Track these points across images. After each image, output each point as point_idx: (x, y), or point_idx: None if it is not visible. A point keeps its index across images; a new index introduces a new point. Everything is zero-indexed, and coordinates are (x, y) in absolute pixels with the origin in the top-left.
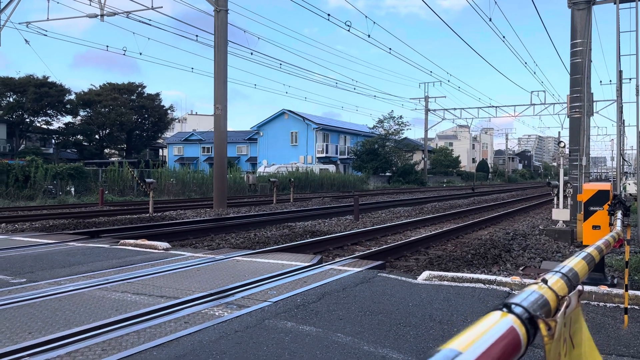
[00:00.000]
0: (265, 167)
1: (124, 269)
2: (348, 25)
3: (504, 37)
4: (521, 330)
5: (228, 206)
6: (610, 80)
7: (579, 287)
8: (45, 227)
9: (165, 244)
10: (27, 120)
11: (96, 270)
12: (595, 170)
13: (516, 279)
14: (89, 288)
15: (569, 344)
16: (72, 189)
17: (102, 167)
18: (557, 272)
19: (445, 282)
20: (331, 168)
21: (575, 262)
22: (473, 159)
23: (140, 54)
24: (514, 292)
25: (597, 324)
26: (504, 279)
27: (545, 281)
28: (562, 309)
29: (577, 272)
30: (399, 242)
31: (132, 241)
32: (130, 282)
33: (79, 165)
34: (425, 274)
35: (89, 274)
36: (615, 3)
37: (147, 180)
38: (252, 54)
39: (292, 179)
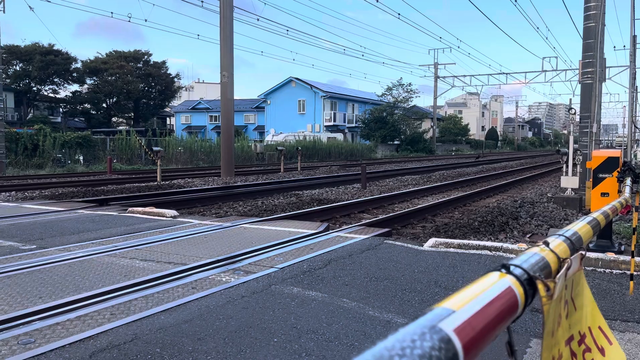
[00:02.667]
0: (272, 135)
1: (132, 236)
2: None
3: (515, 0)
4: (519, 290)
5: (236, 175)
6: (624, 46)
7: (582, 251)
8: (55, 195)
9: (173, 212)
10: (35, 88)
11: (105, 237)
12: (607, 138)
13: (523, 245)
14: (98, 254)
15: (570, 306)
16: (81, 158)
17: (110, 136)
18: (560, 235)
19: (452, 249)
20: (339, 136)
21: (579, 226)
22: (482, 126)
23: (146, 20)
24: None
25: (603, 290)
26: (511, 246)
27: (547, 244)
28: (563, 270)
29: (581, 236)
30: (406, 210)
31: (140, 209)
32: (138, 248)
33: (87, 134)
34: (432, 241)
35: (98, 240)
36: None
37: (155, 148)
38: (258, 20)
39: (300, 148)
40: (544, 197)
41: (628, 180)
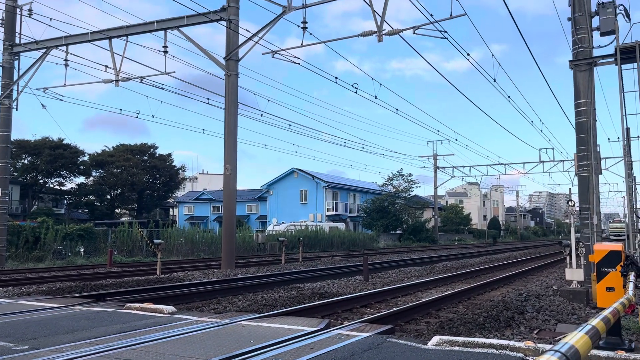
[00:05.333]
0: (274, 225)
1: (127, 334)
2: (355, 88)
3: (509, 97)
4: None
5: (236, 266)
6: (618, 138)
7: None
8: (52, 290)
9: (170, 308)
10: (41, 181)
11: (99, 336)
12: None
13: (530, 343)
14: (90, 355)
15: None
16: (82, 250)
17: (112, 228)
18: (555, 351)
19: (457, 348)
20: (341, 226)
21: (576, 339)
22: (484, 216)
23: (153, 116)
24: (527, 357)
25: None
26: (517, 344)
27: None
28: None
29: (578, 350)
30: (409, 305)
31: (137, 305)
32: (133, 348)
33: (89, 226)
34: (436, 338)
35: (92, 340)
36: (617, 64)
37: (156, 241)
38: (262, 115)
39: (301, 238)
40: (549, 290)
41: (632, 276)
